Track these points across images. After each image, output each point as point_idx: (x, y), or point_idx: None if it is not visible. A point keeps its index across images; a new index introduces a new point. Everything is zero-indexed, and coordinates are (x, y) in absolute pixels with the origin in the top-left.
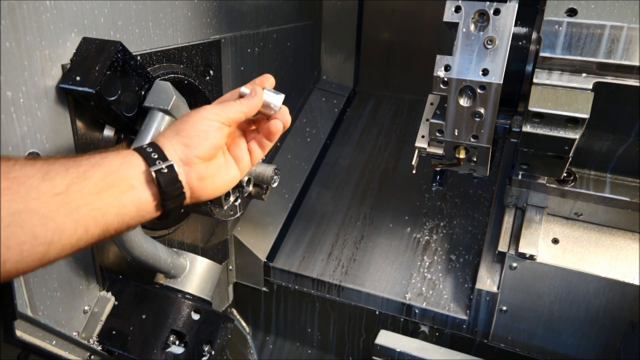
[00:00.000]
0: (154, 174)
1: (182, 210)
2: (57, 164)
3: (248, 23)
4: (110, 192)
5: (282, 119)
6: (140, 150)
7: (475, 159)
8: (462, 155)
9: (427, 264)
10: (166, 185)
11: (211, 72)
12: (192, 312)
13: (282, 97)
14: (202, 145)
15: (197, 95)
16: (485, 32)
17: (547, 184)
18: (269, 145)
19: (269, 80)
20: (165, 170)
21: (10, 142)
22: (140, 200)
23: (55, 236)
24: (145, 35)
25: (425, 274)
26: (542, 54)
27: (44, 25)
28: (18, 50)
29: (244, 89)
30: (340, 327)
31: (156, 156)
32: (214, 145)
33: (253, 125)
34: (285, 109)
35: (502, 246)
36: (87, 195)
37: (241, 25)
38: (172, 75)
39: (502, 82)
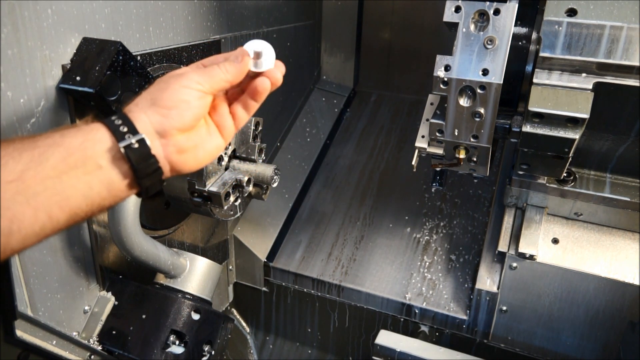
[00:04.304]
0: (123, 151)
1: (182, 210)
2: (11, 148)
3: (248, 23)
4: (73, 174)
5: (270, 77)
6: (108, 123)
7: (475, 159)
8: (462, 155)
9: (427, 264)
10: (138, 162)
11: None
12: (192, 312)
13: (271, 53)
14: (182, 117)
15: None
16: (485, 32)
17: (547, 184)
18: (255, 106)
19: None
20: (136, 146)
21: None
22: (110, 180)
23: (14, 226)
24: (145, 36)
25: (425, 274)
26: (542, 54)
27: (44, 25)
28: (19, 51)
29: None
30: (340, 327)
31: (125, 129)
32: (195, 116)
33: (238, 85)
34: (278, 66)
35: (502, 246)
36: (45, 180)
37: (241, 26)
38: None
39: (502, 82)
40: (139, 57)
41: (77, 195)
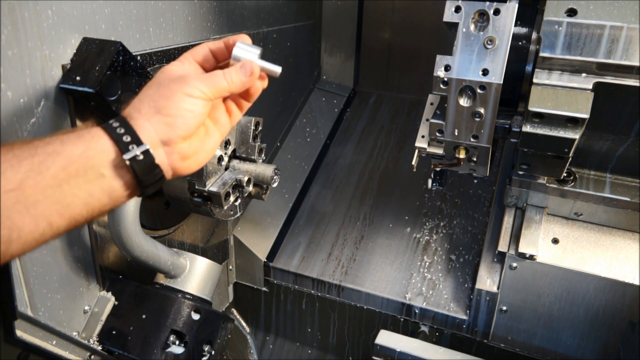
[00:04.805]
0: (128, 163)
1: (182, 210)
2: (10, 155)
3: (248, 23)
4: (74, 182)
5: (261, 81)
6: (110, 131)
7: (475, 159)
8: (462, 155)
9: (427, 264)
10: (143, 174)
11: None
12: (192, 312)
13: (273, 65)
14: (187, 126)
15: None
16: (485, 32)
17: (547, 184)
18: (248, 105)
19: (245, 40)
20: (141, 157)
21: None
22: (112, 188)
23: (14, 234)
24: (145, 37)
25: (425, 274)
26: (542, 54)
27: (44, 26)
28: (19, 51)
29: (236, 52)
30: (340, 327)
31: (129, 139)
32: (199, 124)
33: None
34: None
35: (502, 246)
36: (45, 189)
37: (241, 26)
38: None
39: (502, 82)
40: (139, 57)
41: (77, 203)
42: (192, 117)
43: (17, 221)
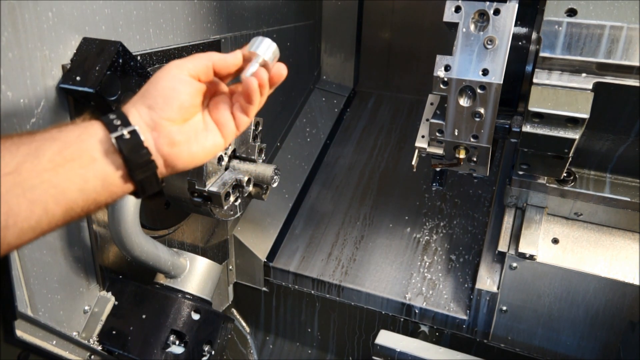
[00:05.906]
0: (114, 141)
1: (182, 210)
2: (9, 142)
3: (248, 23)
4: (69, 166)
5: (258, 76)
6: (103, 118)
7: (475, 159)
8: (462, 155)
9: (427, 264)
10: (130, 153)
11: None
12: (192, 312)
13: (270, 46)
14: (169, 105)
15: None
16: (485, 32)
17: (547, 184)
18: (251, 108)
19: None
20: (128, 137)
21: None
22: (104, 173)
23: (10, 220)
24: (145, 37)
25: (425, 274)
26: (542, 54)
27: (44, 27)
28: (19, 52)
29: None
30: (340, 327)
31: (119, 122)
32: (182, 104)
33: (240, 86)
34: (277, 68)
35: (502, 246)
36: (41, 173)
37: (241, 26)
38: None
39: (502, 82)
40: (139, 57)
41: (72, 189)
42: (171, 95)
43: (13, 206)
